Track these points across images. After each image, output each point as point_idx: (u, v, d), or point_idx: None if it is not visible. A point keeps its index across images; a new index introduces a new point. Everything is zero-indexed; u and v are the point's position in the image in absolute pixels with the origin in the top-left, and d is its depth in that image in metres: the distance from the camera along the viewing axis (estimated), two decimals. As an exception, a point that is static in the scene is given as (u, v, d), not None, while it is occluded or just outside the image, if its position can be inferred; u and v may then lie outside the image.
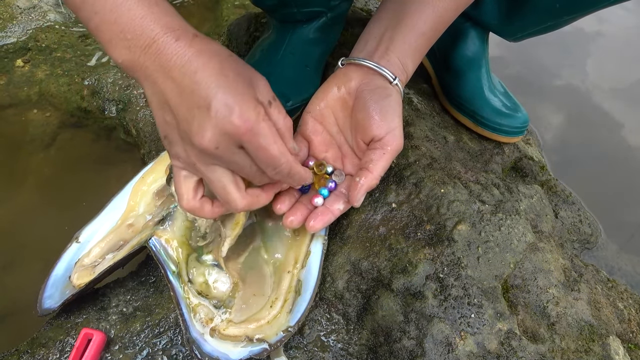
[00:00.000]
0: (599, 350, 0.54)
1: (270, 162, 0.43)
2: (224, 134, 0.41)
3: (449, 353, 0.49)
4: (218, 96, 0.40)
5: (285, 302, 0.52)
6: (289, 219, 0.52)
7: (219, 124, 0.40)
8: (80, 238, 0.58)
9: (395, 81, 0.53)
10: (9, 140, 0.81)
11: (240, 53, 0.83)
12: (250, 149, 0.42)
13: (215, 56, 0.42)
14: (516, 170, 0.77)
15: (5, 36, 0.87)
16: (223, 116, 0.40)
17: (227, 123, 0.40)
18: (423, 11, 0.53)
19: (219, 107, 0.40)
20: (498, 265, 0.54)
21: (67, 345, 0.52)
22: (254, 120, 0.41)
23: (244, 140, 0.41)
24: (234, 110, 0.40)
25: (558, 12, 0.62)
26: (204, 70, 0.41)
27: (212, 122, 0.40)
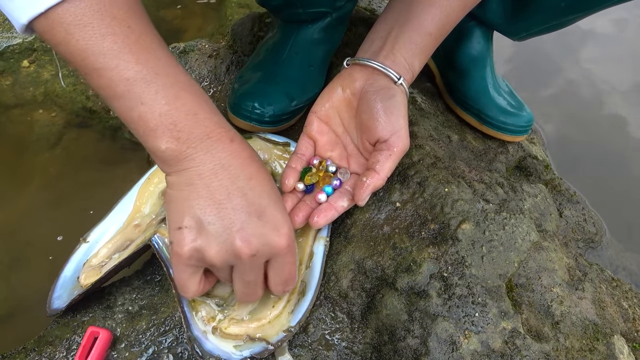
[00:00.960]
0: (604, 349, 0.54)
1: (289, 278, 0.46)
2: (267, 246, 0.42)
3: (453, 352, 0.49)
4: (270, 208, 0.43)
5: (288, 303, 0.52)
6: (292, 219, 0.52)
7: (267, 236, 0.42)
8: (88, 239, 0.59)
9: (400, 81, 0.53)
10: (15, 140, 0.81)
11: (244, 53, 0.83)
12: (279, 263, 0.45)
13: (263, 167, 0.45)
14: (520, 169, 0.77)
15: (11, 37, 0.88)
16: (272, 229, 0.42)
17: (275, 236, 0.42)
18: (430, 11, 0.53)
19: (270, 219, 0.42)
20: (502, 264, 0.54)
21: (74, 343, 0.53)
22: (294, 239, 0.45)
23: (281, 255, 0.44)
24: (284, 226, 0.43)
25: (563, 11, 0.62)
26: (258, 178, 0.43)
27: (260, 231, 0.42)
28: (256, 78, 0.69)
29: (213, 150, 0.42)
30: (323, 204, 0.53)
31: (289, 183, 0.54)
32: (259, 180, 0.43)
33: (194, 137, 0.41)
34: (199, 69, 0.82)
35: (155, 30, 0.42)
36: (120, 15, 0.38)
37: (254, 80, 0.68)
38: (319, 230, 0.57)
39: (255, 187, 0.43)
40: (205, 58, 0.83)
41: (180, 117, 0.40)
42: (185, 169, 0.42)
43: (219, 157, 0.42)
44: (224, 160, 0.42)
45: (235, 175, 0.42)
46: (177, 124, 0.40)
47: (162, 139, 0.40)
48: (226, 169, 0.42)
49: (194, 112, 0.41)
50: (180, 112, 0.40)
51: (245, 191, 0.42)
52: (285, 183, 0.54)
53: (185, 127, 0.41)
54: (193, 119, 0.41)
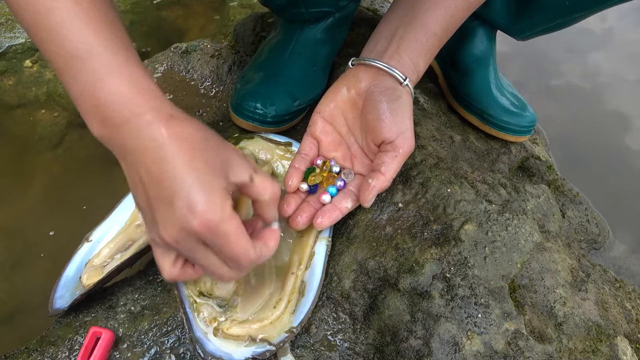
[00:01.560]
0: (607, 351, 0.54)
1: (233, 260, 0.42)
2: (184, 231, 0.40)
3: (455, 353, 0.49)
4: (182, 192, 0.39)
5: (289, 303, 0.52)
6: (296, 219, 0.52)
7: (180, 222, 0.39)
8: (91, 238, 0.59)
9: (406, 82, 0.53)
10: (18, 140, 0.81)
11: (246, 53, 0.83)
12: (215, 245, 0.41)
13: (186, 142, 0.40)
14: (523, 169, 0.77)
15: (13, 37, 0.88)
16: (184, 214, 0.39)
17: (188, 220, 0.39)
18: (435, 11, 0.53)
19: (181, 204, 0.39)
20: (505, 265, 0.54)
21: (76, 343, 0.53)
22: (218, 219, 0.40)
23: (207, 237, 0.40)
24: (195, 211, 0.39)
25: (567, 10, 0.62)
26: (172, 159, 0.39)
27: (173, 217, 0.39)
28: (259, 78, 0.69)
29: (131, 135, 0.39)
30: (327, 205, 0.53)
31: (292, 183, 0.54)
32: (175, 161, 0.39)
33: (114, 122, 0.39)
34: (201, 69, 0.82)
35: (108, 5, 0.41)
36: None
37: (256, 81, 0.68)
38: (321, 230, 0.57)
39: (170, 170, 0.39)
40: (208, 58, 0.83)
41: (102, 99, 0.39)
42: (120, 155, 0.41)
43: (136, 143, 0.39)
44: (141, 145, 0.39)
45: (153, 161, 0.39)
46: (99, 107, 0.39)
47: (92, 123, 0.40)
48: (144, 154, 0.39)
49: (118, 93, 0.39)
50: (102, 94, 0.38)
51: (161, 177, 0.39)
52: (289, 183, 0.54)
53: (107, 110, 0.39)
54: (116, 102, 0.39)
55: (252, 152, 0.63)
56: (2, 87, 0.85)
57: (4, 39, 0.87)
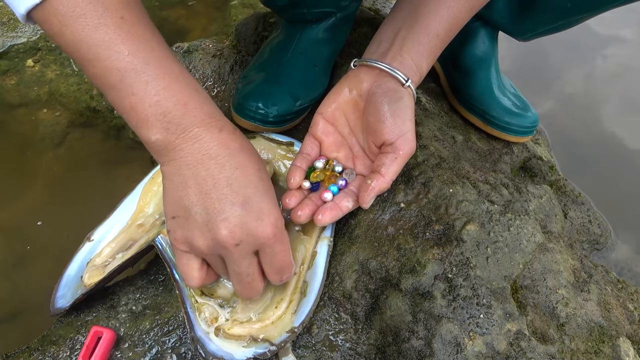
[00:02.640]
0: (609, 352, 0.54)
1: (283, 267, 0.46)
2: (251, 235, 0.42)
3: (457, 353, 0.49)
4: (255, 198, 0.42)
5: (291, 303, 0.52)
6: (298, 213, 0.52)
7: (250, 225, 0.42)
8: (92, 238, 0.59)
9: (408, 83, 0.53)
10: (20, 139, 0.81)
11: (248, 53, 0.83)
12: (269, 252, 0.44)
13: (254, 156, 0.45)
14: (525, 170, 0.77)
15: (15, 36, 0.88)
16: (256, 219, 0.42)
17: (258, 226, 0.42)
18: (437, 12, 0.53)
19: (255, 209, 0.42)
20: (507, 266, 0.54)
21: (77, 343, 0.53)
22: (280, 228, 0.44)
23: (267, 246, 0.43)
24: (268, 216, 0.43)
25: (569, 11, 0.62)
26: (245, 168, 0.43)
27: (243, 220, 0.42)
28: (260, 78, 0.69)
29: (201, 140, 0.42)
30: (328, 203, 0.53)
31: (294, 181, 0.54)
32: (246, 170, 0.43)
33: (182, 128, 0.41)
34: (202, 69, 0.82)
35: (149, 20, 0.42)
36: (113, 6, 0.38)
37: (258, 81, 0.68)
38: (323, 230, 0.56)
39: (241, 177, 0.43)
40: (209, 58, 0.83)
41: (169, 107, 0.41)
42: (174, 159, 0.42)
43: (207, 147, 0.42)
44: (212, 150, 0.42)
45: (221, 165, 0.42)
46: (166, 115, 0.41)
47: (152, 130, 0.41)
48: (213, 159, 0.42)
49: (183, 102, 0.41)
50: (170, 103, 0.41)
51: (230, 181, 0.42)
52: (291, 181, 0.54)
53: (174, 117, 0.41)
54: (182, 110, 0.41)
55: (254, 151, 0.63)
56: (4, 87, 0.85)
57: (6, 39, 0.87)
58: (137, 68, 0.39)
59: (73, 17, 0.37)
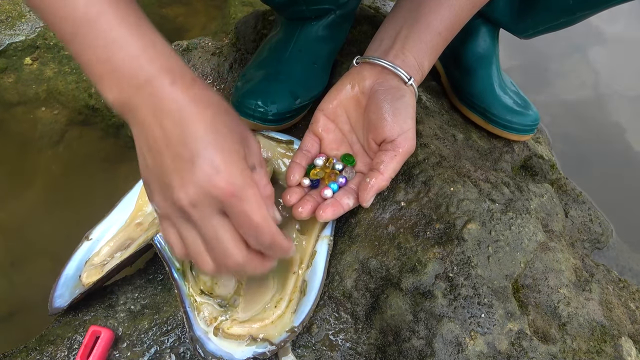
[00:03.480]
0: (611, 351, 0.54)
1: (253, 229, 0.40)
2: (206, 194, 0.38)
3: (458, 353, 0.49)
4: (206, 152, 0.38)
5: (290, 302, 0.52)
6: (299, 209, 0.52)
7: (202, 183, 0.38)
8: (91, 237, 0.58)
9: (410, 81, 0.53)
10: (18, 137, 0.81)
11: (247, 51, 0.83)
12: (233, 213, 0.40)
13: (210, 107, 0.40)
14: (526, 168, 0.76)
15: (14, 34, 0.87)
16: (208, 175, 0.38)
17: (211, 183, 0.38)
18: (439, 10, 0.53)
19: (205, 164, 0.38)
20: (508, 265, 0.54)
21: (75, 342, 0.52)
22: (240, 184, 0.39)
23: (227, 204, 0.39)
24: (220, 171, 0.38)
25: (571, 8, 0.61)
26: (196, 120, 0.39)
27: (195, 178, 0.38)
28: (260, 76, 0.68)
29: (152, 97, 0.38)
30: (329, 199, 0.53)
31: (294, 178, 0.54)
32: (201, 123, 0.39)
33: (134, 84, 0.38)
34: (202, 67, 0.81)
35: None
36: None
37: (257, 79, 0.68)
38: (322, 229, 0.56)
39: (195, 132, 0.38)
40: (209, 56, 0.83)
41: (119, 62, 0.38)
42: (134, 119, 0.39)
43: (159, 104, 0.38)
44: (164, 106, 0.38)
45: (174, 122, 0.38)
46: (116, 71, 0.38)
47: (108, 88, 0.38)
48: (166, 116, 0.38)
49: (135, 55, 0.38)
50: (119, 56, 0.38)
51: (184, 137, 0.38)
52: (291, 178, 0.54)
53: (125, 73, 0.38)
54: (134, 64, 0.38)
55: (253, 150, 0.62)
56: (2, 85, 0.84)
57: (4, 36, 0.87)
58: (91, 19, 0.37)
59: None
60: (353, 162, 0.55)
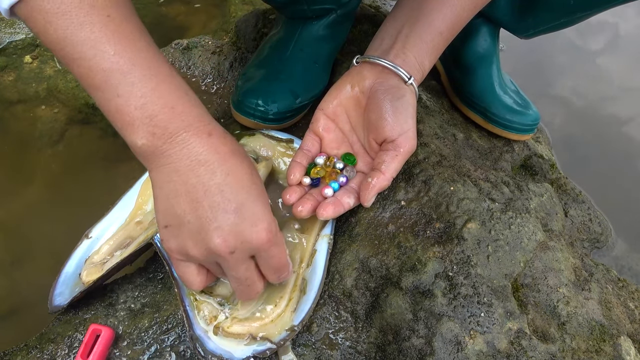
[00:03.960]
0: (610, 351, 0.54)
1: (279, 269, 0.46)
2: (245, 242, 0.42)
3: (458, 352, 0.49)
4: (248, 204, 0.41)
5: (290, 301, 0.52)
6: (299, 208, 0.52)
7: (244, 232, 0.41)
8: (91, 235, 0.58)
9: (410, 81, 0.53)
10: (18, 136, 0.81)
11: (248, 50, 0.83)
12: (265, 257, 0.44)
13: (245, 160, 0.43)
14: (526, 168, 0.77)
15: (14, 32, 0.87)
16: (250, 225, 0.41)
17: (253, 232, 0.41)
18: (440, 10, 0.53)
19: (248, 215, 0.41)
20: (508, 264, 0.54)
21: (76, 340, 0.52)
22: (275, 231, 0.43)
23: (264, 250, 0.43)
24: (262, 221, 0.42)
25: (572, 8, 0.61)
26: (237, 173, 0.42)
27: (237, 228, 0.41)
28: (260, 75, 0.68)
29: (189, 145, 0.40)
30: (330, 198, 0.53)
31: (294, 177, 0.54)
32: (238, 175, 0.42)
33: (169, 132, 0.40)
34: (202, 66, 0.81)
35: (137, 18, 0.41)
36: (100, 4, 0.37)
37: (258, 78, 0.68)
38: (322, 227, 0.56)
39: (233, 183, 0.41)
40: (209, 55, 0.83)
41: (155, 110, 0.39)
42: (163, 165, 0.41)
43: (196, 152, 0.41)
44: (201, 155, 0.41)
45: (212, 171, 0.41)
46: (152, 119, 0.39)
47: (138, 134, 0.39)
48: (203, 165, 0.41)
49: (171, 105, 0.40)
50: (156, 106, 0.39)
51: (222, 187, 0.41)
52: (291, 177, 0.54)
53: (161, 121, 0.39)
54: (170, 113, 0.40)
55: (253, 149, 0.63)
56: (2, 83, 0.84)
57: (4, 35, 0.86)
58: (123, 69, 0.38)
59: (58, 14, 0.36)
60: (354, 162, 0.55)
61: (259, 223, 0.42)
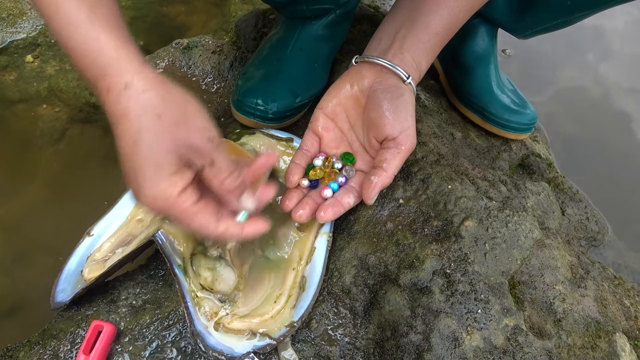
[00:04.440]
0: (606, 347, 0.54)
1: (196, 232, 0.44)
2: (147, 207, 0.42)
3: (455, 348, 0.49)
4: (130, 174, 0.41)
5: (290, 298, 0.52)
6: (298, 212, 0.52)
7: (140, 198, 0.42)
8: (92, 232, 0.59)
9: (409, 80, 0.53)
10: (19, 135, 0.81)
11: (248, 49, 0.83)
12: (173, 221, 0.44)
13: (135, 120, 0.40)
14: (523, 167, 0.77)
15: (15, 32, 0.88)
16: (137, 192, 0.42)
17: (142, 199, 0.41)
18: (437, 11, 0.54)
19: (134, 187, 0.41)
20: (505, 262, 0.55)
21: (78, 337, 0.53)
22: (163, 205, 0.41)
23: (164, 215, 0.42)
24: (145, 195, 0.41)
25: (569, 9, 0.62)
26: (122, 138, 0.41)
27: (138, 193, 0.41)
28: (260, 75, 0.69)
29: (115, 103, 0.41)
30: (329, 199, 0.53)
31: (293, 179, 0.54)
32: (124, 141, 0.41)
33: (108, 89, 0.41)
34: (202, 65, 0.82)
35: None
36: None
37: (257, 77, 0.68)
38: (322, 225, 0.57)
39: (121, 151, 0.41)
40: (209, 54, 0.83)
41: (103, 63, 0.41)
42: None
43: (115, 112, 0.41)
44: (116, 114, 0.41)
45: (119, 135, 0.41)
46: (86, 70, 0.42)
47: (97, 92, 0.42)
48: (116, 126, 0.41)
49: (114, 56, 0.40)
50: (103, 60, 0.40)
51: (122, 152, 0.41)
52: (290, 179, 0.54)
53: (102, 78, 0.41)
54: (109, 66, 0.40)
55: (253, 147, 0.63)
56: (4, 82, 0.85)
57: (5, 34, 0.87)
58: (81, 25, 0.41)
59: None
60: (353, 161, 0.56)
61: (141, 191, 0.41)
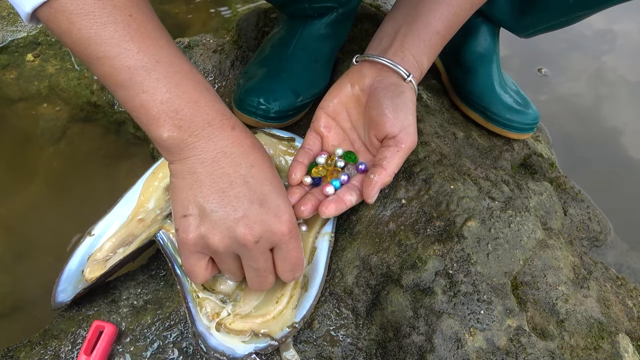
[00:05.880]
0: (608, 348, 0.54)
1: (294, 264, 0.47)
2: (269, 232, 0.43)
3: (458, 349, 0.49)
4: (272, 195, 0.43)
5: (292, 298, 0.52)
6: (301, 208, 0.52)
7: (268, 222, 0.43)
8: (93, 232, 0.59)
9: (409, 78, 0.53)
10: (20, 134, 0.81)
11: (249, 48, 0.83)
12: (284, 249, 0.45)
13: (266, 154, 0.46)
14: (525, 167, 0.77)
15: (15, 30, 0.87)
16: (274, 215, 0.43)
17: (276, 223, 0.43)
18: (438, 9, 0.54)
19: (272, 206, 0.43)
20: (507, 262, 0.54)
21: (79, 337, 0.53)
22: (295, 225, 0.45)
23: (284, 242, 0.44)
24: (285, 213, 0.43)
25: (571, 8, 0.62)
26: (260, 165, 0.44)
27: (262, 217, 0.42)
28: (262, 74, 0.68)
29: (215, 138, 0.42)
30: (331, 196, 0.53)
31: (295, 177, 0.54)
32: (261, 167, 0.44)
33: (195, 125, 0.41)
34: (203, 64, 0.82)
35: (157, 19, 0.42)
36: (122, 4, 0.38)
37: (259, 76, 0.68)
38: (323, 225, 0.57)
39: (257, 175, 0.43)
40: (210, 53, 0.83)
41: (181, 105, 0.41)
42: (187, 157, 0.42)
43: (221, 144, 0.43)
44: (226, 148, 0.43)
45: (237, 163, 0.43)
46: (178, 112, 0.41)
47: (164, 128, 0.41)
48: (228, 157, 0.43)
49: (195, 99, 0.41)
50: (182, 100, 0.41)
51: (247, 179, 0.43)
52: (293, 176, 0.54)
53: (187, 115, 0.41)
54: (194, 107, 0.41)
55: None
56: (4, 81, 0.84)
57: (6, 33, 0.87)
58: (147, 65, 0.39)
59: (81, 14, 0.37)
60: (355, 159, 0.55)
61: (283, 215, 0.43)
